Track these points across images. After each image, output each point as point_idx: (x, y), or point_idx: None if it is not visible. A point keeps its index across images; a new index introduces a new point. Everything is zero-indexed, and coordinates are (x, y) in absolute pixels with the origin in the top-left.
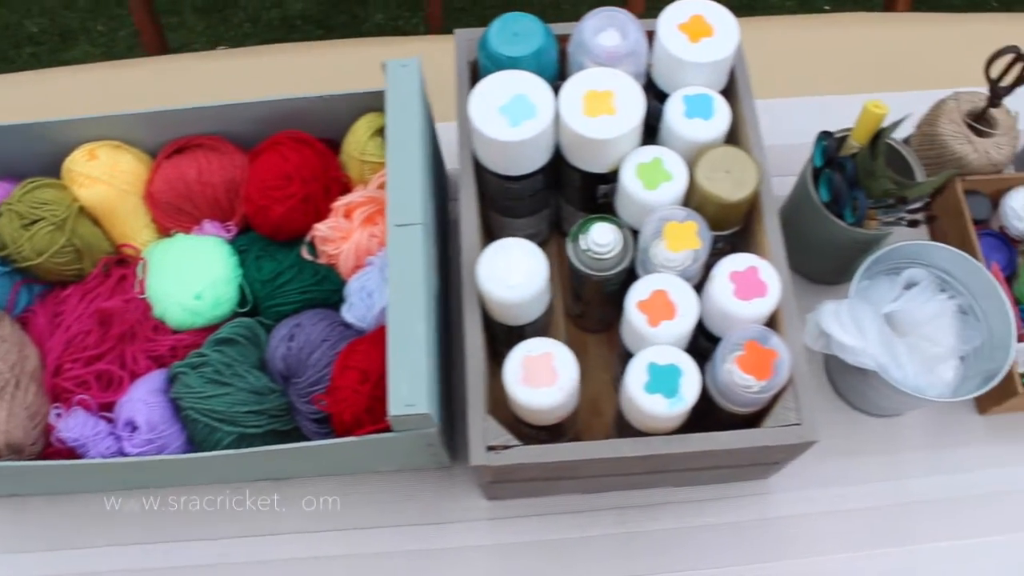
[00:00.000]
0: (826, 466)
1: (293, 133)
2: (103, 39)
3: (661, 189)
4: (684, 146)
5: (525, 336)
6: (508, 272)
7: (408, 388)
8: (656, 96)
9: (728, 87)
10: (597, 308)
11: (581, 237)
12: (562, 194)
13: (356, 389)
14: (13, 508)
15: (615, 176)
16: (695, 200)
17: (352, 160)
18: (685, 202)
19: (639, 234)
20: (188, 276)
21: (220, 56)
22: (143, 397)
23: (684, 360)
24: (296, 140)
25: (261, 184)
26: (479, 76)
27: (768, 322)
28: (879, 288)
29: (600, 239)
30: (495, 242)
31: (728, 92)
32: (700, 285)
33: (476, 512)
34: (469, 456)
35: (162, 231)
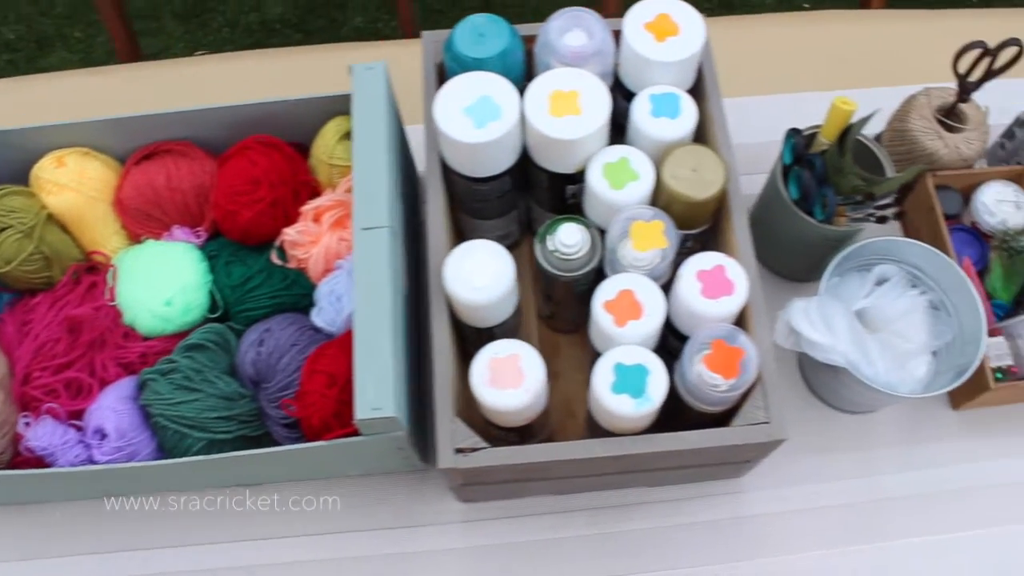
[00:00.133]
0: (800, 464)
1: (262, 138)
2: (80, 46)
3: (628, 189)
4: (651, 145)
5: (495, 338)
6: (474, 274)
7: (375, 391)
8: (624, 95)
9: (696, 86)
10: (568, 309)
11: (548, 238)
12: (531, 195)
13: (324, 393)
14: None
15: (583, 176)
16: (662, 199)
17: (321, 164)
18: (653, 201)
19: (606, 234)
20: (158, 282)
21: (198, 62)
22: (112, 405)
23: (651, 360)
24: (264, 144)
25: (229, 189)
26: (446, 78)
27: (737, 320)
28: (850, 285)
29: (567, 240)
30: (461, 244)
31: (696, 91)
32: (669, 284)
33: (449, 515)
34: (437, 459)
35: (132, 237)
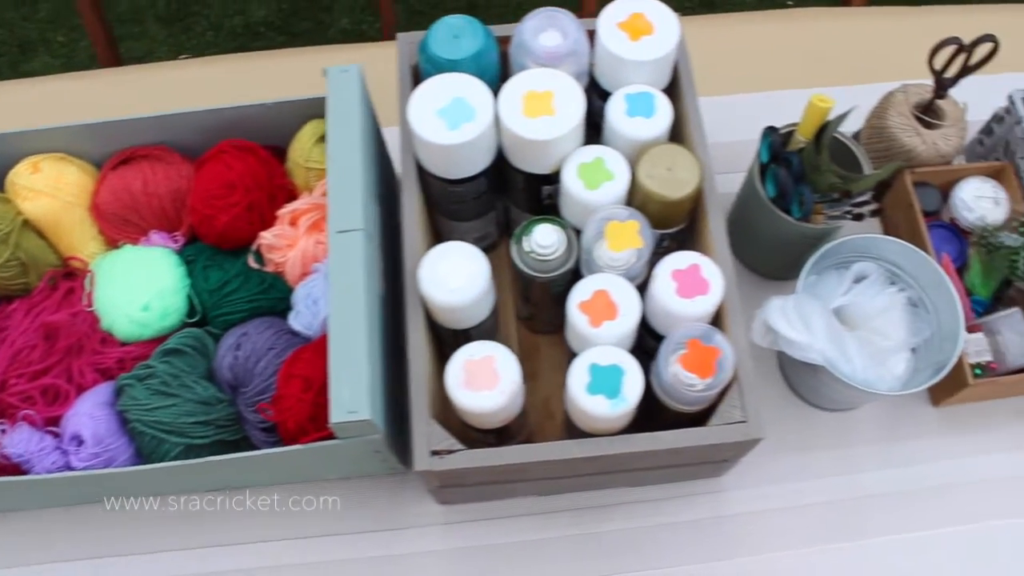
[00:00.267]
0: (780, 462)
1: (237, 142)
2: (63, 50)
3: (603, 189)
4: (626, 145)
5: (471, 339)
6: (449, 276)
7: (350, 394)
8: (599, 95)
9: (672, 85)
10: (546, 310)
11: (524, 239)
12: (508, 196)
13: (300, 397)
14: None
15: (559, 176)
16: (638, 199)
17: (297, 167)
18: (628, 201)
19: (582, 235)
20: (135, 287)
21: (181, 66)
22: (89, 411)
23: (626, 360)
24: (240, 148)
25: (205, 193)
26: (421, 80)
27: (713, 320)
28: (828, 282)
29: (543, 241)
30: (436, 246)
31: (672, 90)
32: (646, 284)
33: (430, 517)
34: (413, 461)
35: (109, 243)
